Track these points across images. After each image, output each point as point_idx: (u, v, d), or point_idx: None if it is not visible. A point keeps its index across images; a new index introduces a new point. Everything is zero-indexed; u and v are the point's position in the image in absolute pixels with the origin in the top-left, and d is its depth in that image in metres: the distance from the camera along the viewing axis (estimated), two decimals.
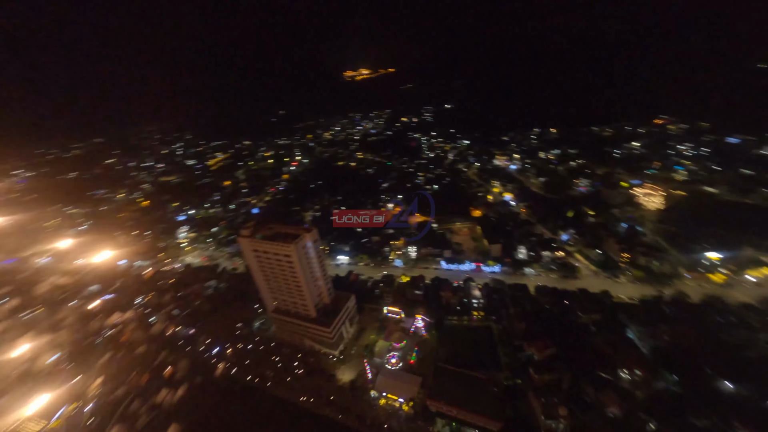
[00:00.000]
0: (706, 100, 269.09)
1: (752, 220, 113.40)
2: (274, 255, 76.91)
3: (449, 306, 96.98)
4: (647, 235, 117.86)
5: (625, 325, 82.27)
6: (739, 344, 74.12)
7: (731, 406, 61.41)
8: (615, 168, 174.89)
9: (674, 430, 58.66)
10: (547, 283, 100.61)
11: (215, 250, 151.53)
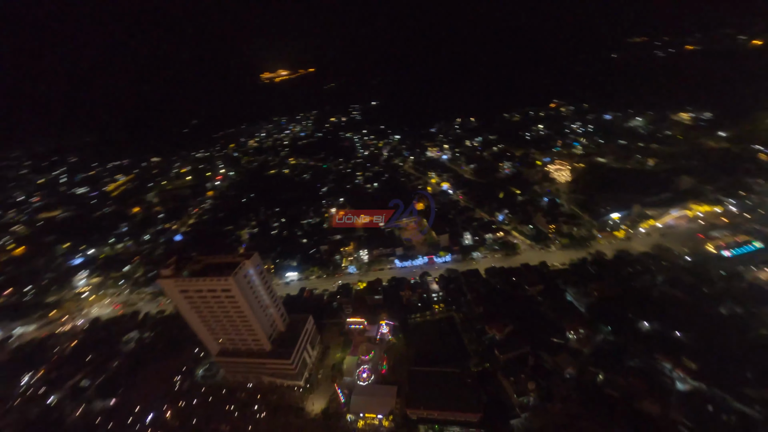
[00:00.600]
0: (584, 85, 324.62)
1: (635, 182, 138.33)
2: (210, 292, 65.37)
3: (410, 304, 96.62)
4: (564, 205, 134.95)
5: (563, 290, 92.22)
6: (646, 287, 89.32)
7: (651, 342, 73.32)
8: (529, 149, 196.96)
9: (616, 375, 67.36)
10: (494, 264, 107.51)
11: (132, 293, 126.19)
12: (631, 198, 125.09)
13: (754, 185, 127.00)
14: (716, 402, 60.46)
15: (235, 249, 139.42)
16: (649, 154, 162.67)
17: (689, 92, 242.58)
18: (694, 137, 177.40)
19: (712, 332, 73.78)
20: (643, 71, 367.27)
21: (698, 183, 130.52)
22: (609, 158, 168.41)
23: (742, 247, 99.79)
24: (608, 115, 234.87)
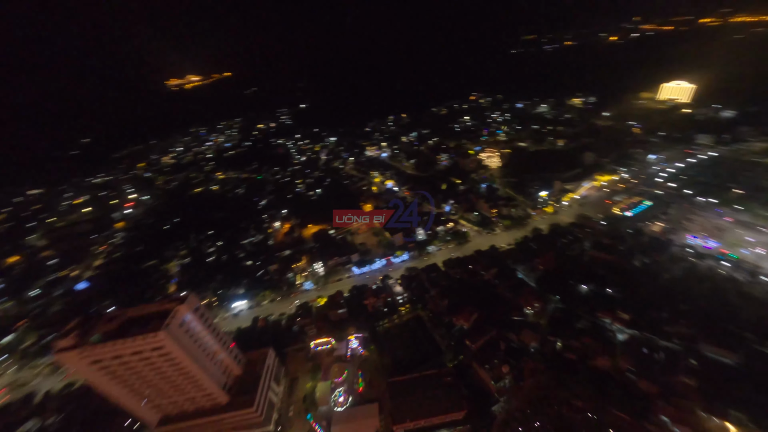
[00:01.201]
0: (495, 78, 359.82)
1: (552, 162, 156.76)
2: (136, 355, 52.38)
3: (376, 311, 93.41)
4: (500, 189, 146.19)
5: (514, 269, 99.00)
6: (578, 254, 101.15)
7: (591, 302, 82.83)
8: (461, 140, 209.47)
9: (570, 339, 74.28)
10: (450, 255, 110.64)
11: (21, 370, 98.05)
12: (551, 176, 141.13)
13: (636, 155, 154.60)
14: (647, 344, 70.75)
15: (164, 288, 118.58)
16: (557, 136, 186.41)
17: (575, 80, 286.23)
18: (587, 118, 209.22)
19: (632, 283, 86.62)
20: (537, 64, 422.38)
21: (598, 157, 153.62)
22: (528, 142, 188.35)
23: (637, 207, 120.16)
24: (520, 104, 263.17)
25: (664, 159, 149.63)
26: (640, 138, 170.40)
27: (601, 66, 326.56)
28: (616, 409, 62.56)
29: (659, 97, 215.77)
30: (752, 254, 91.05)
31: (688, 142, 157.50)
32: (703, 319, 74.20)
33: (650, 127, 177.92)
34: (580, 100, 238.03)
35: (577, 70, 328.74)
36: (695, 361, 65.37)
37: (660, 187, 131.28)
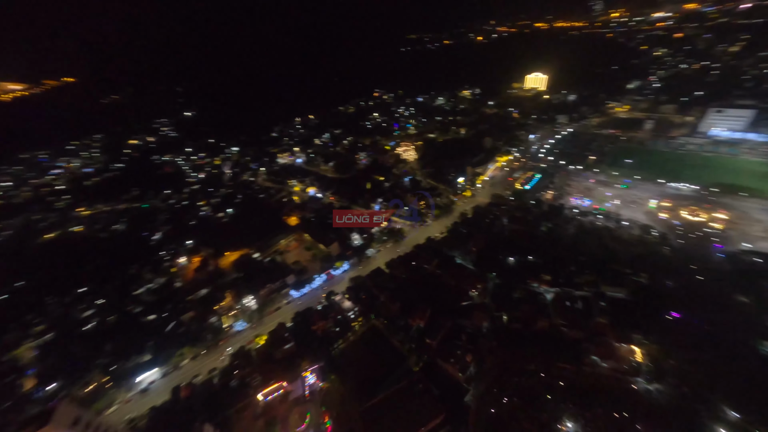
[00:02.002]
0: (392, 75, 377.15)
1: (460, 149, 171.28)
2: None
3: (328, 335, 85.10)
4: (422, 181, 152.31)
5: (452, 256, 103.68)
6: (498, 231, 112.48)
7: (520, 272, 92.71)
8: (374, 136, 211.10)
9: (512, 311, 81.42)
10: (390, 255, 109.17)
11: None
12: (462, 162, 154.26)
13: (520, 136, 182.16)
14: (568, 297, 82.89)
15: (13, 389, 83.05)
16: (459, 125, 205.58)
17: (461, 74, 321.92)
18: (478, 108, 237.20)
19: (544, 247, 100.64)
20: (426, 60, 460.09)
21: (494, 141, 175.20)
22: (436, 133, 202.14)
23: (532, 180, 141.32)
24: (420, 98, 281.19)
25: (539, 137, 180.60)
26: (520, 121, 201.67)
27: (478, 61, 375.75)
28: (560, 362, 71.38)
29: (525, 86, 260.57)
30: (613, 206, 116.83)
31: (552, 122, 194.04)
32: (597, 265, 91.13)
33: (525, 112, 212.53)
34: (468, 92, 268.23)
35: (459, 66, 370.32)
36: (603, 302, 79.32)
37: (543, 161, 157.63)
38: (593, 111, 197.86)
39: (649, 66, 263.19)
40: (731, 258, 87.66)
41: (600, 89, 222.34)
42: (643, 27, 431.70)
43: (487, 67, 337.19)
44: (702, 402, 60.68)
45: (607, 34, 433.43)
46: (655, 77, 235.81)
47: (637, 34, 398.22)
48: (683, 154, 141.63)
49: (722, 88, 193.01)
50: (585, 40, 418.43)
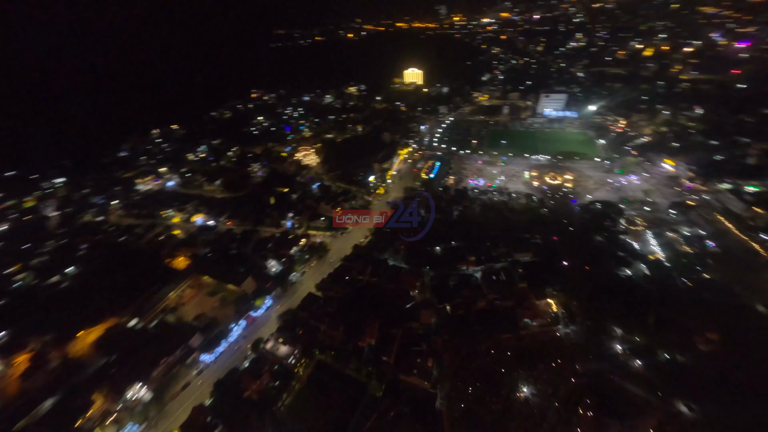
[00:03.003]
0: (269, 72, 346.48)
1: (361, 147, 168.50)
2: None
3: (267, 394, 69.34)
4: (332, 185, 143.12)
5: (384, 259, 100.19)
6: (422, 222, 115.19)
7: (449, 259, 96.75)
8: (266, 143, 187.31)
9: (453, 299, 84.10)
10: (319, 275, 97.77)
11: None
12: (368, 160, 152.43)
13: (413, 128, 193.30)
14: (492, 272, 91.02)
15: None
16: (354, 123, 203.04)
17: (341, 71, 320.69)
18: (368, 103, 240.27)
19: (461, 230, 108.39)
20: (300, 57, 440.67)
21: (392, 135, 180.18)
22: (333, 133, 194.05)
23: (434, 169, 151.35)
24: (306, 97, 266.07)
25: (429, 128, 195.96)
26: (409, 114, 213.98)
27: (358, 58, 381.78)
28: (503, 334, 77.63)
29: (405, 81, 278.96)
30: (501, 181, 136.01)
31: (436, 113, 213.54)
32: (505, 236, 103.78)
33: (410, 105, 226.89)
34: (355, 88, 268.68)
35: (339, 62, 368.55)
36: (520, 269, 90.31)
37: (437, 149, 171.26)
38: (464, 101, 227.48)
39: (492, 62, 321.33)
40: (584, 208, 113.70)
41: (464, 82, 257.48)
42: (479, 30, 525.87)
43: (367, 63, 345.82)
44: (603, 330, 75.89)
45: (455, 35, 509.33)
46: (498, 71, 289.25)
47: (476, 35, 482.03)
48: (533, 132, 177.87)
49: (541, 78, 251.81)
50: (441, 40, 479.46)
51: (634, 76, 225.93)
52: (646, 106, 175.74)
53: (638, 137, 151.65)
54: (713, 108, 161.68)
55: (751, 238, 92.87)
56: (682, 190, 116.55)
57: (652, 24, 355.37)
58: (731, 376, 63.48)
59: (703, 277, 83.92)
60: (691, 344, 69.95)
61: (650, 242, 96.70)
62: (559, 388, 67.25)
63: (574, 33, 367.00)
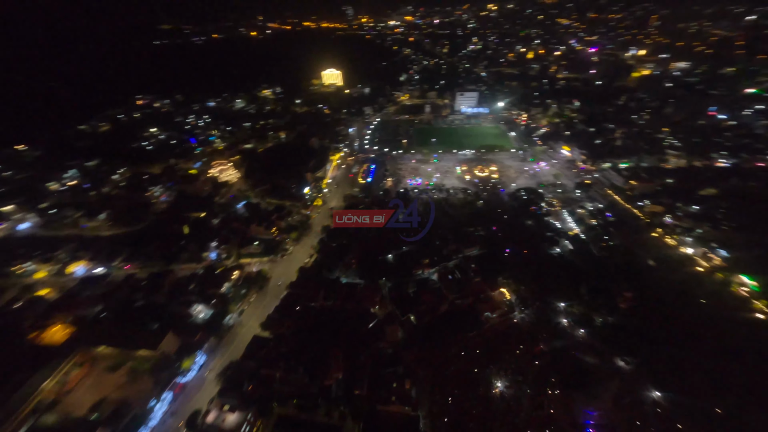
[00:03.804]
0: (156, 74, 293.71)
1: (288, 156, 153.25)
2: None
3: None
4: (261, 202, 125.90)
5: (336, 278, 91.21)
6: (366, 232, 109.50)
7: (400, 265, 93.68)
8: (167, 160, 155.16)
9: (413, 306, 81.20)
10: (264, 311, 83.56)
11: None
12: (298, 170, 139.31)
13: (341, 131, 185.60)
14: (447, 271, 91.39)
15: None
16: (275, 130, 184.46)
17: (248, 72, 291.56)
18: (288, 108, 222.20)
19: (410, 233, 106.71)
20: (194, 57, 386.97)
21: (321, 141, 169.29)
22: (253, 142, 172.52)
23: (370, 172, 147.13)
24: (211, 103, 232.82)
25: (357, 130, 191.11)
26: (334, 117, 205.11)
27: (265, 58, 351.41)
28: (468, 332, 78.04)
29: (325, 82, 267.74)
30: (437, 179, 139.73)
31: (362, 114, 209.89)
32: (451, 233, 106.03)
33: (334, 107, 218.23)
34: (269, 91, 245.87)
35: (243, 63, 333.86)
36: (473, 264, 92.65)
37: (370, 151, 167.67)
38: (387, 101, 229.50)
39: (406, 62, 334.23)
40: (512, 196, 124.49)
41: (384, 82, 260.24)
42: (388, 31, 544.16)
43: (278, 64, 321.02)
44: (549, 308, 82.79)
45: (366, 36, 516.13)
46: (413, 71, 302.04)
47: (386, 37, 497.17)
48: (456, 128, 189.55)
49: (452, 77, 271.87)
50: (353, 40, 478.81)
51: (524, 76, 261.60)
52: (539, 101, 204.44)
53: (539, 128, 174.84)
54: (584, 101, 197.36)
55: (633, 206, 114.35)
56: (579, 171, 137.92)
57: (528, 31, 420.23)
58: (648, 328, 75.53)
59: (609, 244, 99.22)
60: (615, 305, 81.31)
61: (567, 220, 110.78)
62: (527, 373, 70.28)
63: (471, 37, 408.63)
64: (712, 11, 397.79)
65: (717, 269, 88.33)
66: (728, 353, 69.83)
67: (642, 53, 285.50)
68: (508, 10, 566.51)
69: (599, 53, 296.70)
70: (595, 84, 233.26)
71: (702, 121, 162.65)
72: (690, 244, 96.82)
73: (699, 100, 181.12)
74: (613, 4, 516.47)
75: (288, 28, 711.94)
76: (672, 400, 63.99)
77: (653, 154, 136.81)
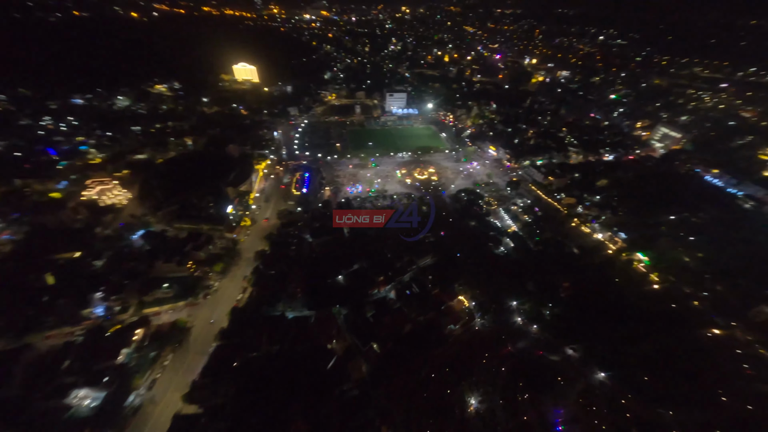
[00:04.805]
0: None
1: (201, 168, 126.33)
2: None
3: None
4: (168, 230, 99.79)
5: (280, 314, 76.87)
6: (308, 253, 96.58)
7: (358, 287, 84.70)
8: (11, 184, 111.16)
9: (374, 334, 73.54)
10: (184, 377, 64.42)
11: None
12: (216, 184, 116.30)
13: (266, 135, 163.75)
14: (404, 287, 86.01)
15: None
16: (178, 135, 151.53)
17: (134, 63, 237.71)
18: (192, 107, 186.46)
19: (363, 248, 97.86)
20: (46, 39, 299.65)
21: (239, 146, 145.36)
22: (148, 152, 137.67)
23: (305, 182, 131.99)
24: (77, 99, 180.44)
25: (283, 134, 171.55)
26: (254, 119, 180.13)
27: (153, 46, 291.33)
28: (435, 350, 74.11)
29: (237, 78, 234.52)
30: (378, 184, 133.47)
31: (287, 115, 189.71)
32: (400, 243, 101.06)
33: (252, 108, 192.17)
34: (164, 86, 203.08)
35: (122, 50, 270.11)
36: (430, 275, 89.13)
37: (301, 158, 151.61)
38: (314, 101, 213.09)
39: (328, 59, 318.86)
40: (453, 198, 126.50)
41: (307, 80, 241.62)
42: (304, 25, 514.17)
43: (173, 53, 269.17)
44: (504, 308, 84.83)
45: (281, 29, 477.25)
46: (337, 69, 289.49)
47: (303, 31, 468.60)
48: (390, 130, 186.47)
49: (378, 77, 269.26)
50: (266, 32, 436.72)
51: (445, 78, 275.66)
52: (461, 102, 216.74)
53: (465, 129, 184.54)
54: (498, 103, 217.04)
55: (553, 199, 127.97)
56: (506, 170, 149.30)
57: (441, 36, 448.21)
58: (584, 314, 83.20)
59: (542, 237, 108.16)
60: (558, 296, 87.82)
61: (505, 218, 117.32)
62: (496, 383, 69.72)
63: (390, 37, 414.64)
64: (575, 30, 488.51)
65: (621, 250, 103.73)
66: (642, 323, 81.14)
67: (534, 62, 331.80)
68: (420, 15, 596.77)
69: (503, 60, 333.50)
70: (504, 87, 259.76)
71: (587, 121, 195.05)
72: (599, 230, 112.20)
73: (582, 104, 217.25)
74: (506, 17, 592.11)
75: (181, 11, 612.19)
76: (614, 376, 71.21)
77: (560, 151, 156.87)
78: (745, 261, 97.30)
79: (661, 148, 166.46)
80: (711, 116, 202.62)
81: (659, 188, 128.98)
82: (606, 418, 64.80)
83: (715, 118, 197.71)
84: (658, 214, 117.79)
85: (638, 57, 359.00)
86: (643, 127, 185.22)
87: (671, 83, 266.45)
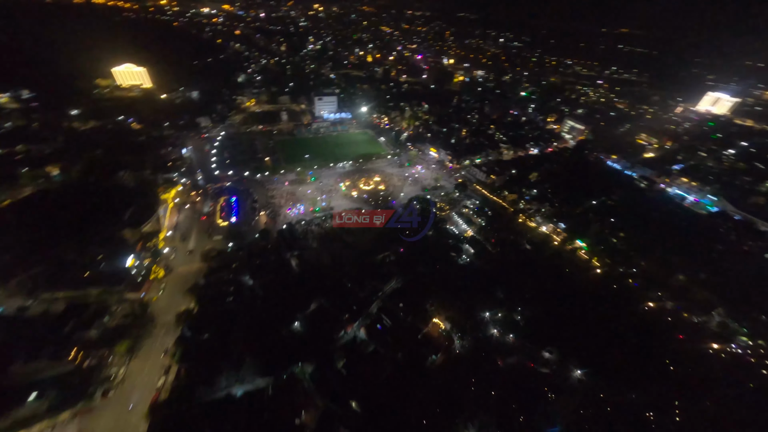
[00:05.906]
0: None
1: (75, 206, 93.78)
2: None
3: None
4: (30, 305, 69.50)
5: (222, 395, 58.62)
6: (250, 301, 78.36)
7: (321, 334, 71.03)
8: None
9: (352, 389, 61.84)
10: None
11: None
12: (105, 228, 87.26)
13: (170, 155, 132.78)
14: (374, 319, 75.74)
15: None
16: (39, 162, 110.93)
17: None
18: (55, 123, 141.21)
19: (317, 281, 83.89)
20: None
21: (134, 172, 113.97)
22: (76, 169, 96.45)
23: (232, 209, 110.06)
24: None
25: (195, 150, 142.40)
26: (151, 134, 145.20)
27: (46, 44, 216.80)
28: (418, 387, 65.93)
29: (121, 83, 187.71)
30: (322, 201, 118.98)
31: (197, 127, 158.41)
32: (360, 269, 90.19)
33: (148, 120, 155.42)
34: (6, 96, 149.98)
35: None
36: (400, 303, 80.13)
37: (222, 178, 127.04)
38: (229, 108, 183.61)
39: (239, 59, 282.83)
40: (405, 208, 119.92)
41: (217, 84, 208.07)
42: (204, 20, 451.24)
43: (18, 51, 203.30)
44: (478, 322, 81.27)
45: (174, 23, 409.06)
46: (252, 70, 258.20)
47: (203, 27, 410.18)
48: (324, 137, 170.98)
49: (302, 80, 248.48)
50: (154, 27, 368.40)
51: (372, 79, 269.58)
52: (393, 104, 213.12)
53: (402, 132, 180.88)
54: (428, 103, 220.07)
55: (498, 197, 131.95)
56: (449, 171, 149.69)
57: (360, 35, 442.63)
58: (552, 313, 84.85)
59: (497, 237, 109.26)
60: (525, 298, 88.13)
61: (459, 222, 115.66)
62: (491, 410, 64.96)
63: (307, 36, 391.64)
64: (479, 32, 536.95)
65: (564, 240, 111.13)
66: (597, 310, 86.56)
67: (452, 62, 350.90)
68: (334, 13, 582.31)
69: (424, 60, 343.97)
70: (431, 87, 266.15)
71: (509, 118, 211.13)
72: (542, 223, 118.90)
73: (502, 102, 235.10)
74: (417, 18, 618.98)
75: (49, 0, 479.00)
76: (588, 373, 73.28)
77: (493, 148, 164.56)
78: (653, 235, 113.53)
79: (571, 140, 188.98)
80: (597, 108, 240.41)
81: (579, 177, 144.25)
82: (591, 417, 65.59)
83: (600, 110, 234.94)
84: (583, 201, 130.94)
85: (533, 57, 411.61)
86: (554, 121, 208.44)
87: (564, 80, 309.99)
